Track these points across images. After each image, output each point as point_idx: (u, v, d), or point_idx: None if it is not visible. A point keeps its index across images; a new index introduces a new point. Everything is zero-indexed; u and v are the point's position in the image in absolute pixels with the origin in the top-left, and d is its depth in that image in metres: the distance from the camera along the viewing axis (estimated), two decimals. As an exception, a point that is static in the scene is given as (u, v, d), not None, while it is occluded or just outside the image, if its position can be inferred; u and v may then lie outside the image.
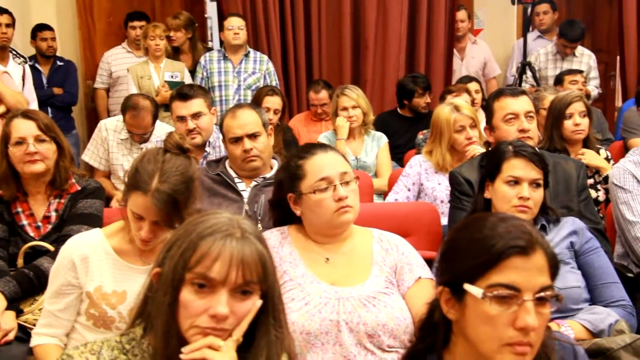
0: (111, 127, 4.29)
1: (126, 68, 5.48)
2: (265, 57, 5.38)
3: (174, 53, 5.69)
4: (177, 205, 1.95)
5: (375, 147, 4.47)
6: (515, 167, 2.28)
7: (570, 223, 2.37)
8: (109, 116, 5.41)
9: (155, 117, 4.17)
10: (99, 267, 2.10)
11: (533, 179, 2.27)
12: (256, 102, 4.35)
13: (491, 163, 2.35)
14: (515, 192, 2.26)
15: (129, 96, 4.27)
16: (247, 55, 5.29)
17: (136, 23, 5.73)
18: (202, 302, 1.30)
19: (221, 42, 5.55)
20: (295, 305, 2.01)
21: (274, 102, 4.53)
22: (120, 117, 4.21)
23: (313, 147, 2.20)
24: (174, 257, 1.32)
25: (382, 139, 4.51)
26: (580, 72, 5.35)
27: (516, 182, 2.27)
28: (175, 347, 1.30)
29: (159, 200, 1.93)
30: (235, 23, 5.24)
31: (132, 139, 4.20)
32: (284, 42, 5.70)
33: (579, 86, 5.02)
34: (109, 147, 4.28)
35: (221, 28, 5.38)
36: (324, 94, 5.10)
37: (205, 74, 5.26)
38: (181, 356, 1.29)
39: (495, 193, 2.30)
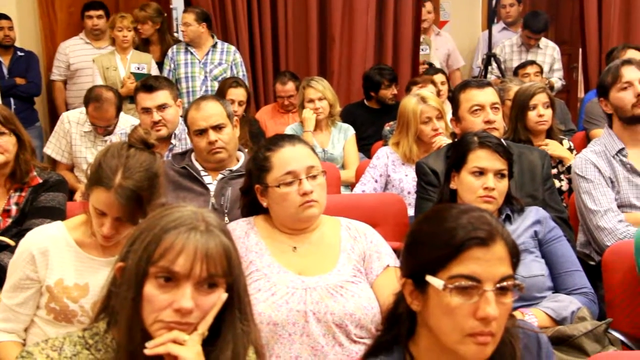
0: (74, 120, 4.23)
1: (84, 59, 5.39)
2: (233, 48, 5.34)
3: (144, 44, 5.62)
4: (140, 202, 1.92)
5: (342, 138, 4.47)
6: (481, 158, 2.30)
7: (534, 213, 2.41)
8: (67, 109, 5.32)
9: (119, 109, 4.11)
10: (60, 260, 2.06)
11: (498, 170, 2.30)
12: (220, 94, 4.31)
13: (457, 154, 2.37)
14: (481, 182, 2.28)
15: (91, 88, 4.20)
16: (214, 46, 5.24)
17: (92, 12, 5.59)
18: (166, 296, 1.29)
19: None
20: (261, 296, 2.00)
21: (238, 93, 4.50)
22: (83, 109, 4.15)
23: (281, 140, 2.19)
24: (138, 251, 1.31)
25: (349, 131, 4.51)
26: (532, 63, 5.42)
27: (481, 172, 2.30)
28: (140, 342, 1.29)
29: (122, 196, 1.90)
30: (184, 19, 5.22)
31: (96, 131, 4.14)
32: (251, 33, 5.66)
33: (531, 78, 5.09)
34: (72, 139, 4.21)
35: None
36: (290, 86, 5.09)
37: (172, 65, 5.21)
38: (145, 351, 1.28)
39: (461, 184, 2.33)
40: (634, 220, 2.76)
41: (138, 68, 5.13)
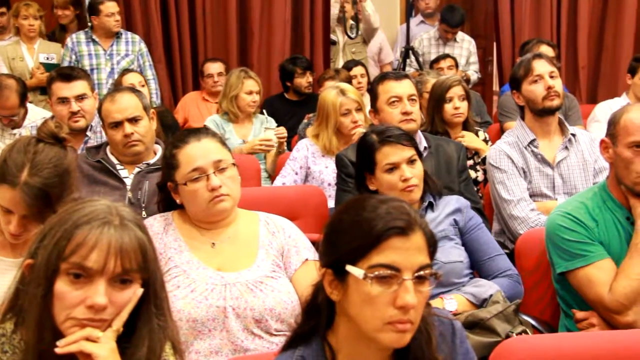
0: None
1: None
2: (137, 38, 5.19)
3: (60, 31, 5.41)
4: (48, 200, 1.84)
5: (264, 130, 4.43)
6: (388, 154, 2.31)
7: (455, 201, 2.45)
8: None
9: (23, 98, 3.94)
10: None
11: (408, 158, 2.32)
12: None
13: (364, 158, 2.37)
14: (397, 176, 2.30)
15: None
16: (118, 36, 5.07)
17: None
18: (79, 292, 1.25)
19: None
20: (180, 293, 1.98)
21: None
22: None
23: (187, 136, 2.15)
24: (48, 247, 1.27)
25: (272, 122, 4.48)
26: (446, 57, 5.54)
27: (394, 167, 2.31)
28: (50, 341, 1.25)
29: (28, 194, 1.82)
30: (114, 9, 5.02)
31: (1, 122, 3.97)
32: (166, 25, 5.56)
33: (445, 71, 5.20)
34: (-24, 131, 4.03)
35: (94, 12, 5.06)
36: (219, 64, 5.13)
37: (74, 57, 5.00)
38: (56, 350, 1.24)
39: (380, 183, 2.33)
40: (544, 209, 2.86)
41: (47, 58, 4.93)
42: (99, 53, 5.02)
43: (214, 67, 5.21)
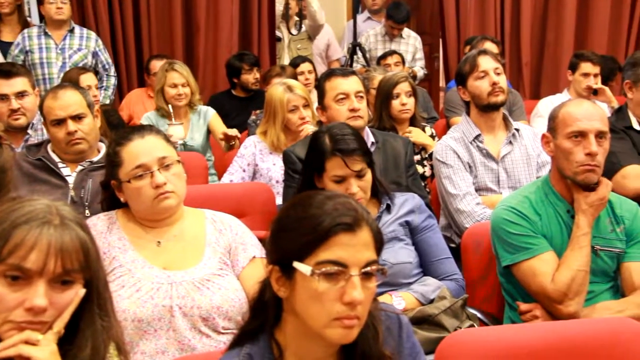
0: None
1: None
2: (93, 34, 5.11)
3: None
4: None
5: (202, 124, 4.33)
6: (337, 166, 2.23)
7: (410, 201, 2.43)
8: None
9: None
10: None
11: (357, 172, 2.25)
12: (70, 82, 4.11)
13: (314, 159, 2.31)
14: (344, 188, 2.23)
15: None
16: (71, 31, 4.98)
17: None
18: (17, 295, 1.22)
19: (41, 17, 5.20)
20: (125, 293, 1.95)
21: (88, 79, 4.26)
22: None
23: (131, 133, 2.12)
24: None
25: (209, 111, 4.36)
26: (392, 53, 5.58)
27: (342, 180, 2.25)
28: None
29: None
30: None
31: None
32: (110, 20, 5.46)
33: (392, 67, 5.25)
34: None
35: (41, 1, 5.01)
36: (165, 62, 4.99)
37: (22, 56, 4.86)
38: None
39: (326, 188, 2.26)
40: (490, 203, 2.91)
41: None
42: (50, 47, 4.90)
43: (159, 65, 5.10)
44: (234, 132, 3.88)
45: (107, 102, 5.12)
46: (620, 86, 5.83)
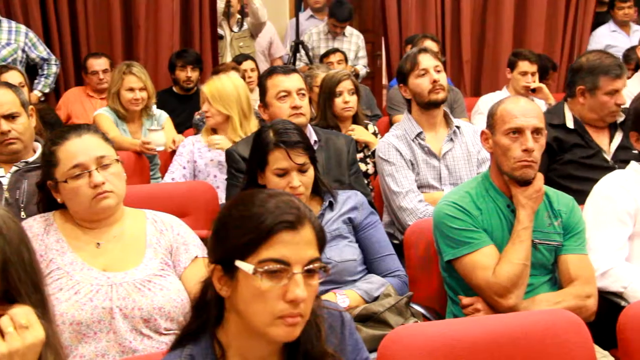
0: None
1: None
2: (23, 28, 4.94)
3: None
4: None
5: (148, 132, 4.26)
6: (280, 159, 2.23)
7: (353, 198, 2.44)
8: None
9: None
10: None
11: (299, 165, 2.25)
12: None
13: (257, 154, 2.30)
14: (285, 182, 2.23)
15: None
16: None
17: None
18: None
19: None
20: (63, 296, 1.91)
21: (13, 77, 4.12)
22: None
23: (67, 132, 2.07)
24: None
25: (162, 115, 4.29)
26: (335, 51, 5.61)
27: (284, 173, 2.25)
28: None
29: None
30: None
31: None
32: (44, 16, 5.29)
33: (335, 65, 5.27)
34: None
35: None
36: (103, 60, 4.94)
37: None
38: None
39: (268, 183, 2.27)
40: (432, 200, 2.94)
41: None
42: None
43: (98, 64, 4.98)
44: (180, 138, 3.86)
45: (47, 90, 4.98)
46: (556, 84, 6.03)
